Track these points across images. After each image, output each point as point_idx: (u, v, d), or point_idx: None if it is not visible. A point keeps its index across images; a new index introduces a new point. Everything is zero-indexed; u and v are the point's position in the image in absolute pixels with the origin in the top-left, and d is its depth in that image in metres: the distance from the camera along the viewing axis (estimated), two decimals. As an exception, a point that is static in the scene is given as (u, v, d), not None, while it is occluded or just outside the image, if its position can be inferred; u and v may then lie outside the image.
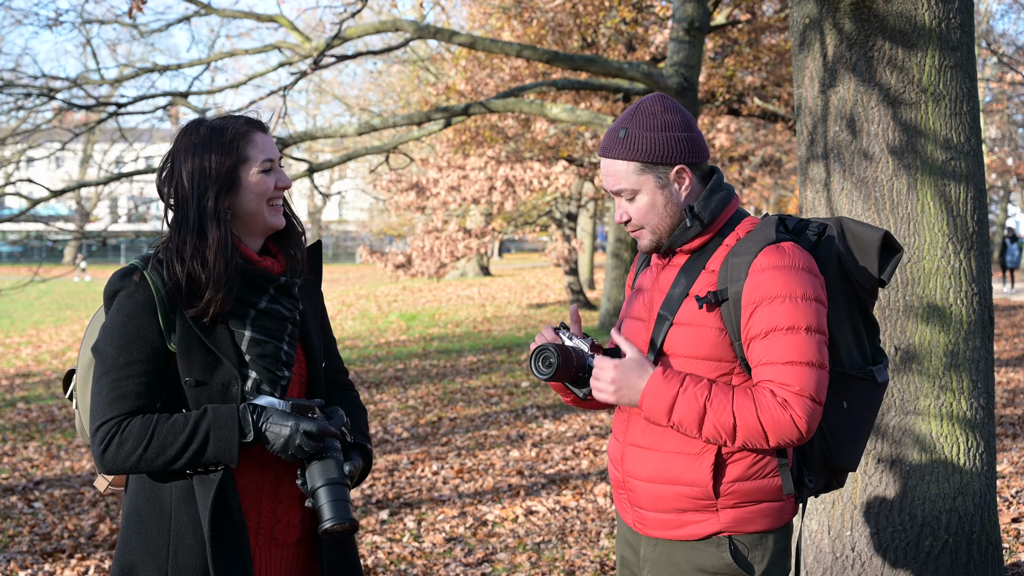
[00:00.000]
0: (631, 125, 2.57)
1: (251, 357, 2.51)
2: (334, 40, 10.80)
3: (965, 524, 4.05)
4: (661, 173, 2.56)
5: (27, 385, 14.47)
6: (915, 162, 4.04)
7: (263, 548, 2.57)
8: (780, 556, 2.58)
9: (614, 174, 2.59)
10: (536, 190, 20.22)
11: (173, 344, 2.45)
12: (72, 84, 12.86)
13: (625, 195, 2.59)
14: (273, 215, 2.58)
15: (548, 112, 11.75)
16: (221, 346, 2.48)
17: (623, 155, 2.57)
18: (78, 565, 6.05)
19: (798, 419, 2.40)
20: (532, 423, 10.01)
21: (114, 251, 63.54)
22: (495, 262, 50.11)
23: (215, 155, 2.50)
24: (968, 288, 4.07)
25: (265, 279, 2.56)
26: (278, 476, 2.58)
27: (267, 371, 2.52)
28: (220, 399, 2.47)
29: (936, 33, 4.01)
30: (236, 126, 2.55)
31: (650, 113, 2.57)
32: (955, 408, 4.04)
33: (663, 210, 2.57)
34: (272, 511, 2.58)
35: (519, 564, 5.72)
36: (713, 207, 2.57)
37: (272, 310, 2.56)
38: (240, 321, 2.51)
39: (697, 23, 11.49)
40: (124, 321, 2.44)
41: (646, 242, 2.63)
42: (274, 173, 2.57)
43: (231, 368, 2.48)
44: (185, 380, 2.45)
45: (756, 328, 2.45)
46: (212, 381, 2.47)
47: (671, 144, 2.55)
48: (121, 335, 2.44)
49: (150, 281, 2.46)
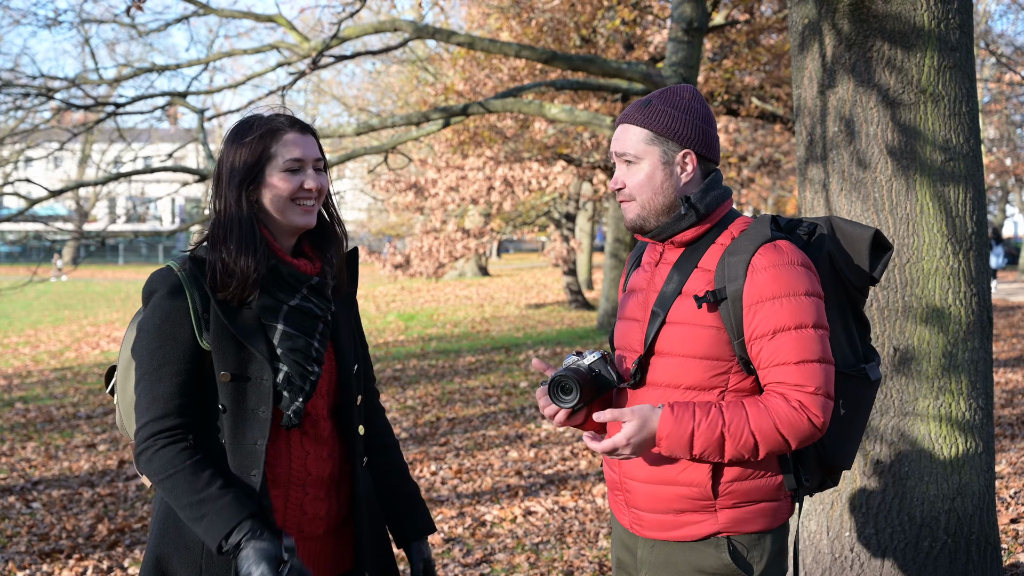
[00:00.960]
0: (657, 99, 2.60)
1: (283, 351, 2.55)
2: (332, 40, 10.79)
3: (964, 525, 4.04)
4: (670, 150, 2.57)
5: (25, 385, 14.46)
6: (914, 163, 4.03)
7: None
8: (778, 556, 2.59)
9: (626, 137, 2.60)
10: (534, 190, 20.23)
11: (206, 342, 2.50)
12: (70, 84, 12.86)
13: (627, 158, 2.60)
14: (299, 215, 2.60)
15: (546, 112, 11.75)
16: (253, 340, 2.52)
17: (640, 121, 2.59)
18: (76, 565, 6.04)
19: (815, 418, 2.42)
20: (531, 423, 10.00)
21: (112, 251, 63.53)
22: (493, 262, 50.12)
23: (244, 149, 2.56)
24: (967, 289, 4.07)
25: (297, 279, 2.60)
26: (306, 469, 2.62)
27: (298, 365, 2.55)
28: (254, 393, 2.51)
29: (935, 34, 4.01)
30: (272, 123, 2.59)
31: (679, 95, 2.61)
32: (954, 409, 4.04)
33: (659, 186, 2.58)
34: (299, 503, 2.62)
35: (517, 564, 5.72)
36: (709, 200, 2.58)
37: (304, 307, 2.60)
38: (273, 315, 2.56)
39: (696, 23, 11.49)
40: (158, 324, 2.50)
41: (632, 215, 2.63)
42: (303, 174, 2.59)
43: (263, 361, 2.51)
44: (220, 374, 2.49)
45: (762, 328, 2.45)
46: (245, 375, 2.51)
47: (688, 126, 2.57)
48: (155, 338, 2.49)
49: (183, 282, 2.51)
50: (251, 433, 2.51)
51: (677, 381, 2.53)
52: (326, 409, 2.68)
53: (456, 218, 23.96)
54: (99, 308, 29.39)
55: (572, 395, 2.52)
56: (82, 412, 11.89)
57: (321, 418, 2.66)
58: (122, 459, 9.12)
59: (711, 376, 2.52)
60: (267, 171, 2.56)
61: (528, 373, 13.50)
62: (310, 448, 2.63)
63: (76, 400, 12.87)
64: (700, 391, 2.52)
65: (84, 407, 12.26)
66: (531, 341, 17.42)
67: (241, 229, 2.52)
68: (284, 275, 2.59)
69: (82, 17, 15.81)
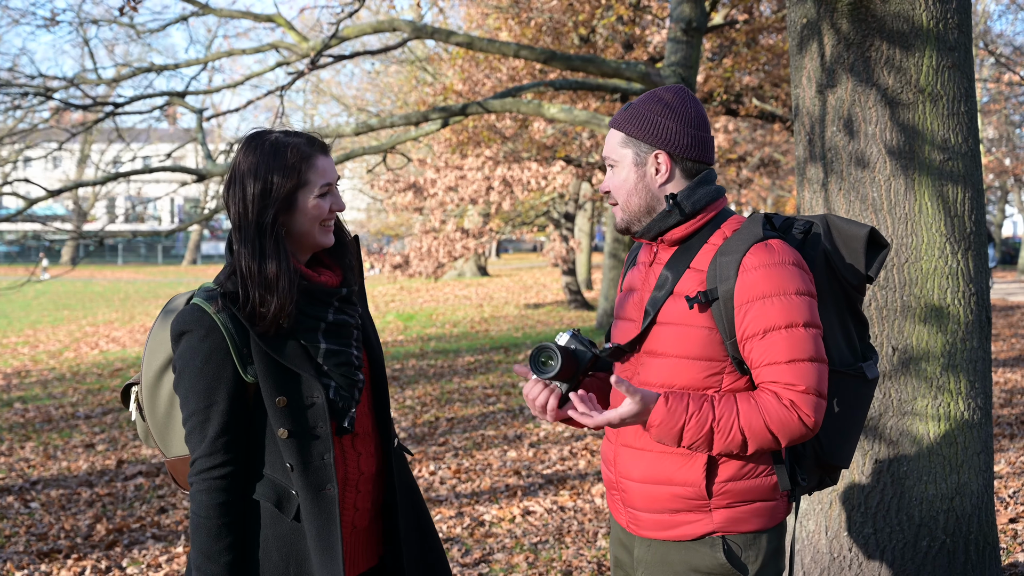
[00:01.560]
0: (638, 101, 2.62)
1: (329, 367, 2.63)
2: (331, 40, 10.79)
3: (962, 525, 4.04)
4: (641, 151, 2.59)
5: (24, 385, 14.45)
6: (912, 163, 4.03)
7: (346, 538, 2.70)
8: (774, 556, 2.58)
9: (608, 140, 2.66)
10: (534, 190, 20.20)
11: (250, 376, 2.56)
12: (69, 84, 12.85)
13: (609, 162, 2.64)
14: (324, 235, 2.66)
15: (545, 112, 11.74)
16: (298, 363, 2.58)
17: (617, 124, 2.63)
18: (75, 565, 6.04)
19: (806, 417, 2.42)
20: (529, 423, 10.00)
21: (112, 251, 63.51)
22: (493, 262, 50.12)
23: (277, 176, 2.56)
24: (966, 288, 4.07)
25: (327, 294, 2.65)
26: (359, 469, 2.72)
27: (345, 378, 2.64)
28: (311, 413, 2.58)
29: (933, 33, 4.01)
30: (300, 147, 2.60)
31: (659, 96, 2.61)
32: (952, 409, 4.04)
33: (632, 188, 2.60)
34: (353, 503, 2.72)
35: (516, 564, 5.72)
36: (697, 198, 2.57)
37: (340, 320, 2.66)
38: (313, 335, 2.61)
39: (695, 23, 11.48)
40: (200, 367, 2.54)
41: (617, 218, 2.68)
42: (330, 196, 2.64)
43: (312, 381, 2.58)
44: (276, 400, 2.55)
45: (753, 328, 2.44)
46: (297, 397, 2.58)
47: (660, 128, 2.56)
48: (199, 380, 2.55)
49: (219, 323, 2.55)
50: (316, 450, 2.59)
51: (671, 382, 2.53)
52: (367, 405, 2.77)
53: (455, 218, 23.94)
54: (98, 308, 29.37)
55: (554, 362, 2.53)
56: (81, 412, 11.88)
57: (363, 415, 2.75)
58: (120, 459, 9.12)
59: (705, 376, 2.52)
60: (300, 197, 2.59)
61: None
62: (361, 448, 2.73)
63: (75, 400, 12.87)
64: (695, 389, 2.52)
65: (83, 407, 12.26)
66: (530, 341, 17.42)
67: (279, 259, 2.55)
68: (315, 293, 2.63)
69: (81, 17, 15.81)
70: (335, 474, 2.59)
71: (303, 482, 2.57)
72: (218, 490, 2.55)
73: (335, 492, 2.59)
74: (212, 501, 2.55)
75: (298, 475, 2.57)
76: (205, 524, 2.54)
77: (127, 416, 11.43)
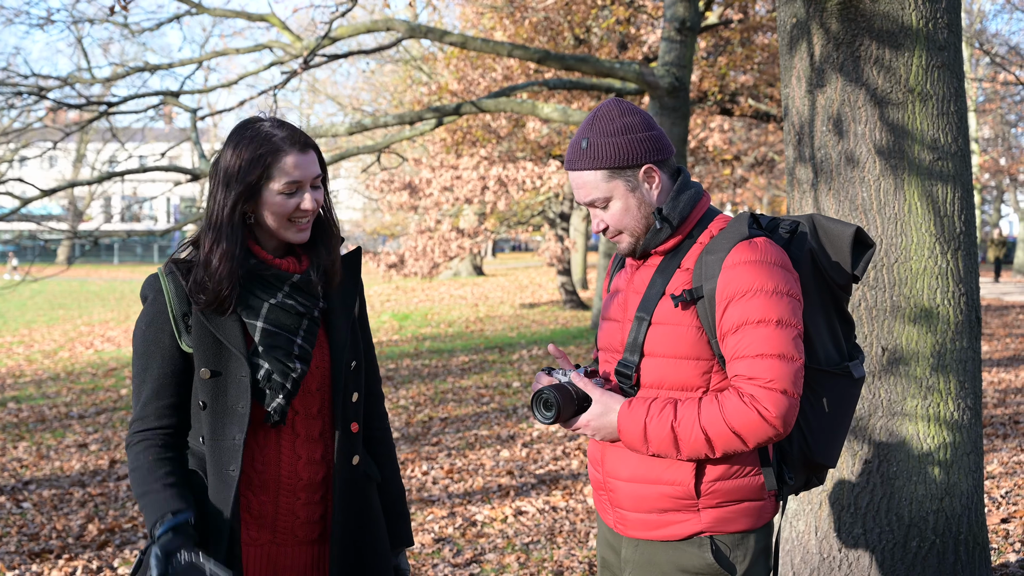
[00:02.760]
0: (591, 134, 2.56)
1: (263, 348, 2.57)
2: (325, 39, 10.78)
3: (952, 525, 4.04)
4: (629, 176, 2.55)
5: (18, 385, 14.44)
6: (902, 163, 4.03)
7: (284, 546, 2.63)
8: (761, 555, 2.58)
9: (583, 185, 2.58)
10: (529, 190, 20.21)
11: (187, 344, 2.56)
12: (64, 83, 12.82)
13: (599, 204, 2.58)
14: (294, 233, 2.61)
15: (540, 112, 11.75)
16: (232, 339, 2.55)
17: (589, 165, 2.56)
18: (66, 566, 6.03)
19: (764, 411, 2.38)
20: (523, 423, 10.00)
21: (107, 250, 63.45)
22: (488, 262, 50.11)
23: (245, 165, 2.55)
24: (955, 289, 4.06)
25: (279, 278, 2.61)
26: (297, 474, 2.63)
27: (278, 362, 2.58)
28: (233, 389, 2.55)
29: (923, 33, 4.00)
30: (275, 140, 2.56)
31: (608, 118, 2.57)
32: (942, 409, 4.04)
33: (637, 212, 2.57)
34: (291, 509, 2.63)
35: (508, 564, 5.71)
36: (682, 207, 2.57)
37: (286, 305, 2.61)
38: (254, 313, 2.58)
39: (689, 23, 11.49)
40: (143, 329, 2.59)
41: (625, 245, 2.63)
42: (299, 195, 2.58)
43: (241, 359, 2.55)
44: (200, 371, 2.55)
45: (728, 323, 2.44)
46: (225, 372, 2.56)
47: (634, 145, 2.54)
48: (141, 342, 2.60)
49: (164, 287, 2.58)
50: (229, 429, 2.54)
51: (664, 381, 2.53)
52: (317, 407, 2.66)
53: (450, 218, 23.94)
54: (93, 307, 29.35)
55: (552, 411, 2.54)
56: (74, 412, 11.87)
57: (311, 416, 2.65)
58: (113, 459, 9.11)
59: (698, 375, 2.51)
60: (264, 191, 2.56)
61: (521, 373, 13.50)
62: (302, 451, 2.63)
63: (69, 400, 12.85)
64: (687, 391, 2.51)
65: (77, 407, 12.25)
66: (525, 341, 17.41)
67: (231, 243, 2.54)
68: (265, 276, 2.60)
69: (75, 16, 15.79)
70: (240, 457, 2.53)
71: (211, 457, 2.55)
72: (149, 447, 2.55)
73: (237, 474, 2.52)
74: (141, 450, 2.55)
75: (208, 449, 2.55)
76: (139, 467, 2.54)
77: (120, 416, 11.43)
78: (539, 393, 2.56)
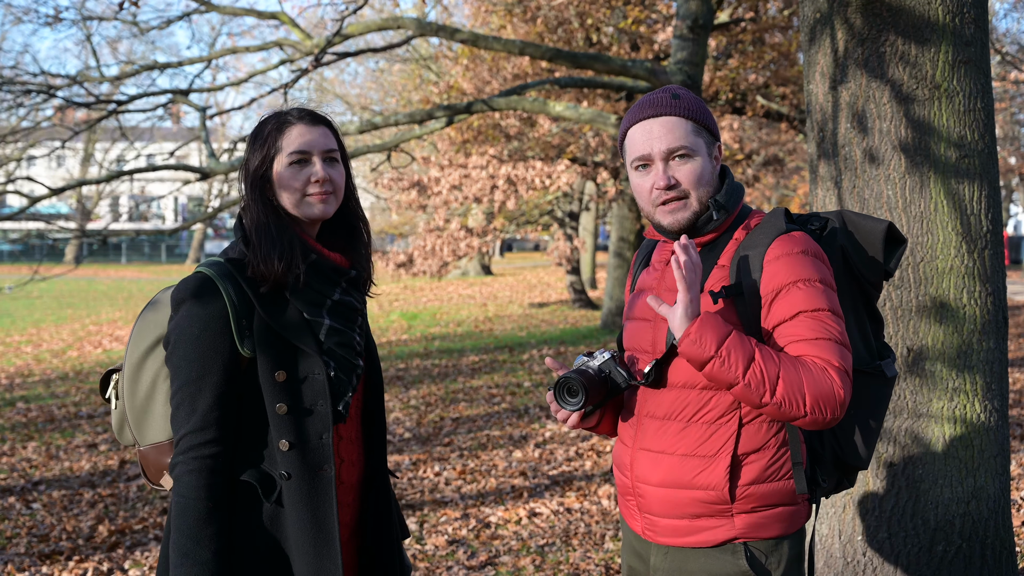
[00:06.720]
0: (680, 91, 2.53)
1: (330, 346, 2.52)
2: (335, 37, 10.72)
3: (979, 529, 3.97)
4: (708, 142, 2.52)
5: (27, 384, 14.40)
6: (927, 160, 3.96)
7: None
8: (795, 562, 2.51)
9: (670, 131, 2.47)
10: (538, 189, 20.14)
11: (247, 349, 2.44)
12: (72, 82, 12.78)
13: (680, 152, 2.48)
14: (309, 206, 2.54)
15: (551, 110, 11.68)
16: (300, 337, 2.47)
17: (682, 112, 2.49)
18: (76, 567, 5.98)
19: (838, 388, 2.32)
20: (535, 423, 9.93)
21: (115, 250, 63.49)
22: (497, 261, 50.06)
23: (256, 149, 2.54)
24: (982, 288, 3.99)
25: (336, 272, 2.57)
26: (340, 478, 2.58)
27: (345, 360, 2.54)
28: (310, 389, 2.47)
29: (949, 28, 3.93)
30: (283, 116, 2.56)
31: (685, 90, 2.56)
32: (968, 410, 3.97)
33: (709, 179, 2.51)
34: None
35: (523, 567, 5.65)
36: (734, 198, 2.54)
37: (346, 301, 2.58)
38: (317, 311, 2.52)
39: (701, 21, 11.42)
40: (197, 335, 2.43)
41: (687, 214, 2.50)
42: (309, 166, 2.53)
43: (314, 356, 2.47)
44: (276, 374, 2.44)
45: (780, 314, 2.39)
46: (298, 373, 2.47)
47: (711, 118, 2.53)
48: (195, 348, 2.42)
49: (221, 289, 2.45)
50: (315, 429, 2.48)
51: (694, 380, 2.46)
52: (356, 409, 2.64)
53: (459, 217, 23.87)
54: (102, 307, 29.33)
55: (578, 398, 2.45)
56: (84, 411, 11.83)
57: (351, 419, 2.63)
58: (123, 459, 9.06)
59: None
60: (274, 166, 2.52)
61: (532, 373, 13.44)
62: (344, 454, 2.60)
63: (78, 399, 12.81)
64: (717, 390, 2.44)
65: (86, 406, 12.20)
66: (535, 340, 17.35)
67: (268, 231, 2.49)
68: (325, 269, 2.54)
69: (83, 15, 15.75)
70: (333, 455, 2.47)
71: (300, 462, 2.44)
72: (207, 470, 2.39)
73: (332, 474, 2.46)
74: (200, 482, 2.39)
75: (295, 454, 2.44)
76: (194, 507, 2.38)
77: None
78: (561, 381, 2.47)
